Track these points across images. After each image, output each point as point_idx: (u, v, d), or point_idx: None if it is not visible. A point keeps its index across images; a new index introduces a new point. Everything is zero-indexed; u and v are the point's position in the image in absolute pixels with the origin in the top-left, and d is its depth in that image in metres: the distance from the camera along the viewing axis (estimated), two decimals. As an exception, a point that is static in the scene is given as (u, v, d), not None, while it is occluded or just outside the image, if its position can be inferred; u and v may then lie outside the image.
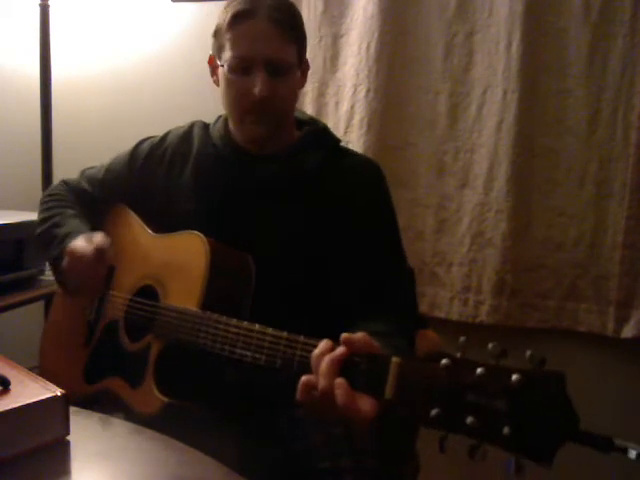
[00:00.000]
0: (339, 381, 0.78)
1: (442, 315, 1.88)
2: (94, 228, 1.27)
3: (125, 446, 0.79)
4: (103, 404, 1.11)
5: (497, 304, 1.82)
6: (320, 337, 1.05)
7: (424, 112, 1.87)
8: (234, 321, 0.98)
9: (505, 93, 1.78)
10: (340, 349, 0.81)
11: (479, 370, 0.67)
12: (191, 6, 2.07)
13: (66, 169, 1.48)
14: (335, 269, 1.11)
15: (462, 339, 0.71)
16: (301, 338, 0.89)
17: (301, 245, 1.12)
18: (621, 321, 1.75)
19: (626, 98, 1.72)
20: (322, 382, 0.79)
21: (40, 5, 1.92)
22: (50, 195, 1.36)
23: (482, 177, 1.83)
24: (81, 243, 1.16)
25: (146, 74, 2.15)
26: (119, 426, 0.85)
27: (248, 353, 0.93)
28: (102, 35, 2.15)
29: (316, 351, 0.83)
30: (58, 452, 0.76)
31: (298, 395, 0.82)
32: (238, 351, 0.95)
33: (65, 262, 1.17)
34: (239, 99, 1.12)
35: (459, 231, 1.87)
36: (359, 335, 0.81)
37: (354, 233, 1.12)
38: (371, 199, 1.16)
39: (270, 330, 0.93)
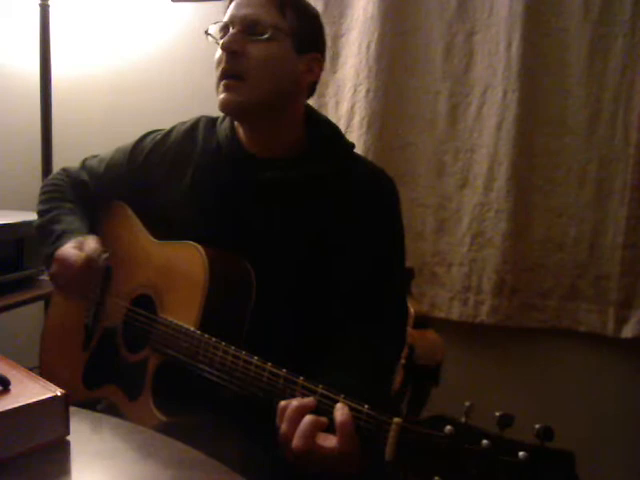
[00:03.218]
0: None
1: (442, 315, 1.89)
2: (92, 224, 1.25)
3: (125, 446, 0.79)
4: (102, 410, 1.10)
5: (497, 304, 1.82)
6: (322, 342, 1.05)
7: (424, 112, 1.87)
8: (232, 349, 0.94)
9: (505, 93, 1.78)
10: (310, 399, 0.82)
11: (485, 442, 0.64)
12: (191, 6, 2.07)
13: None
14: (335, 277, 1.06)
15: (467, 404, 0.67)
16: (300, 380, 0.86)
17: (302, 250, 1.07)
18: (621, 321, 1.75)
19: (626, 98, 1.72)
20: (283, 427, 0.81)
21: (40, 5, 1.92)
22: (50, 185, 1.32)
23: (482, 177, 1.83)
24: (71, 250, 1.12)
25: (146, 74, 2.15)
26: (119, 426, 0.85)
27: (246, 388, 0.91)
28: (102, 35, 2.15)
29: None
30: (58, 452, 0.76)
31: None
32: (235, 382, 0.92)
33: (53, 268, 1.14)
34: (216, 66, 1.05)
35: (459, 231, 1.87)
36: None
37: (357, 242, 1.07)
38: (379, 211, 1.10)
39: (269, 366, 0.90)
